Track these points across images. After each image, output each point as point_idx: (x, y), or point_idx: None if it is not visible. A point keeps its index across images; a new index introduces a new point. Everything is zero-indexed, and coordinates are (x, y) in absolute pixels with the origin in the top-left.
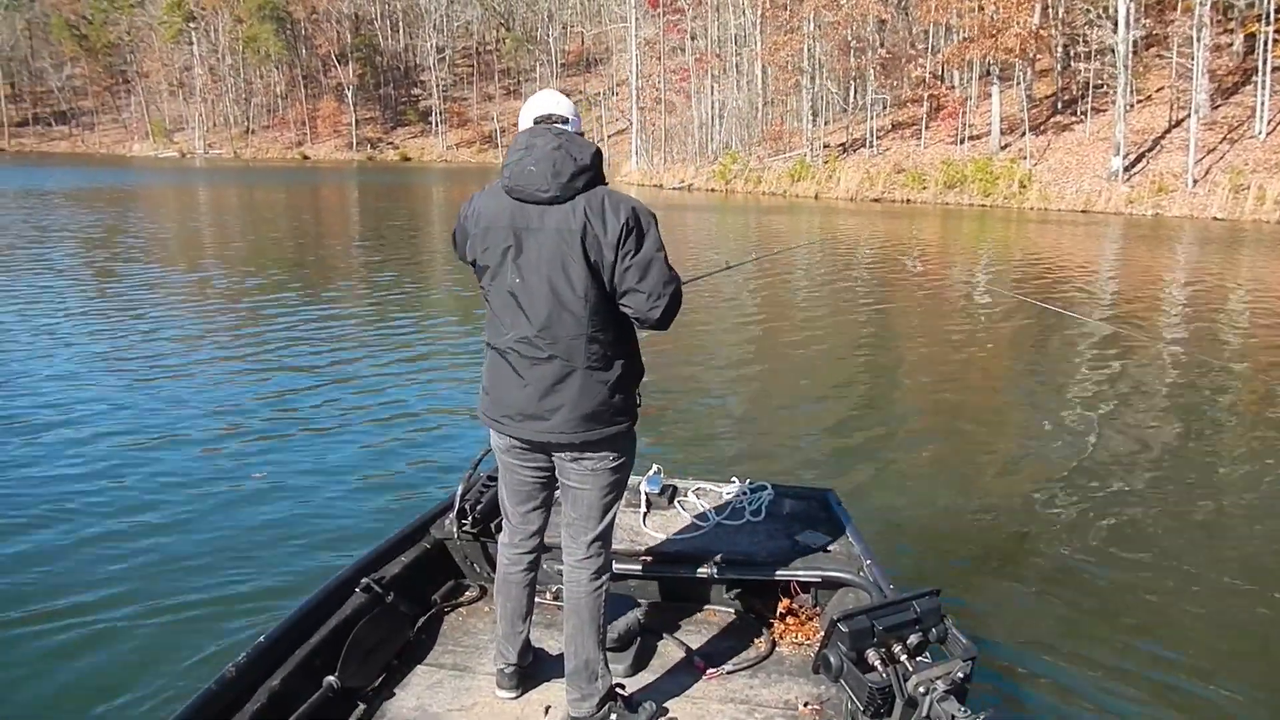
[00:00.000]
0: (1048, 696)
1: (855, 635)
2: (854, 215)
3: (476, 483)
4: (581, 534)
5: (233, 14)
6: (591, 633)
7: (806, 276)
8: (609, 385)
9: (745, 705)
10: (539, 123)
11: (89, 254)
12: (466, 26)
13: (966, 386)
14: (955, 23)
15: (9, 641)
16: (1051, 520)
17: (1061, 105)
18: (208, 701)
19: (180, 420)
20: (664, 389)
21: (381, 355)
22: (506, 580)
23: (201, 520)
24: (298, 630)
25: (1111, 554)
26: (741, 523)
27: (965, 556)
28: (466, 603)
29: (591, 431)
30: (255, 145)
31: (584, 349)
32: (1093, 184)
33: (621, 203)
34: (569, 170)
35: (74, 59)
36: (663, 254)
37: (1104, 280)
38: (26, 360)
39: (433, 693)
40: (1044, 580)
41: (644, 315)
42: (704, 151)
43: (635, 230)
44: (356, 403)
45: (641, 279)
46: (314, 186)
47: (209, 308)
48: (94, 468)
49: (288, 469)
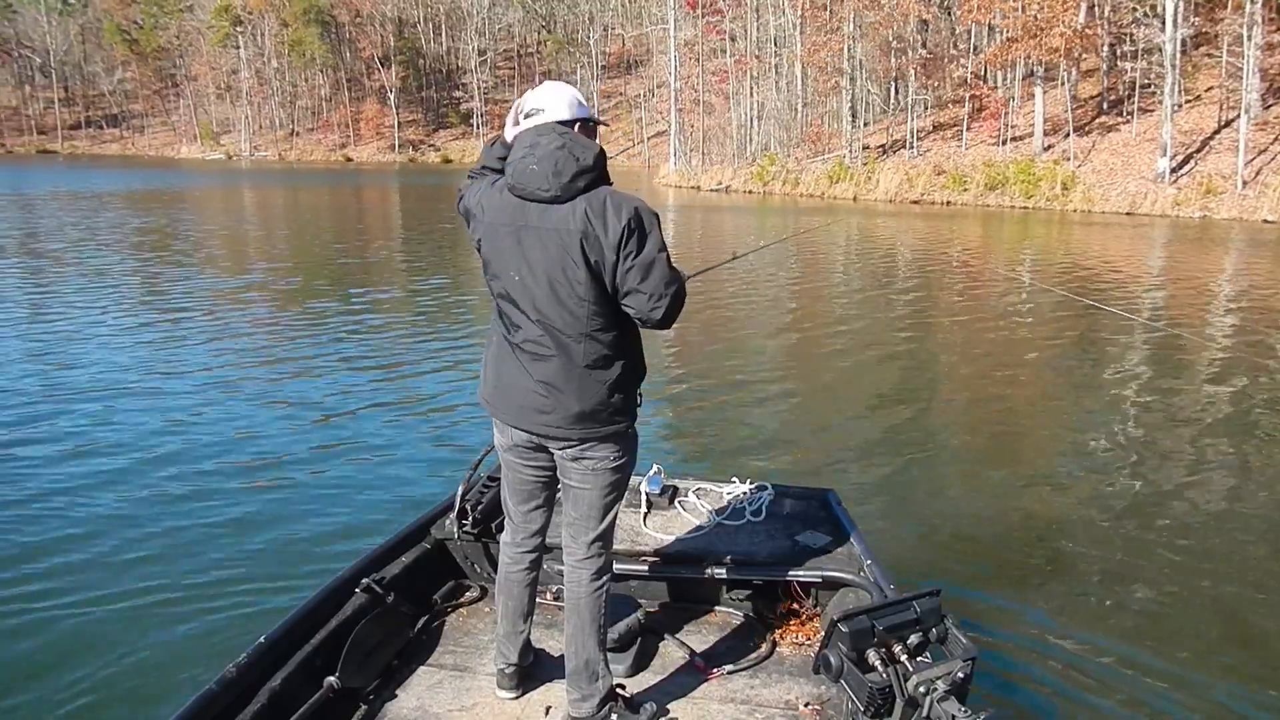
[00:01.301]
0: (1048, 696)
1: (855, 635)
2: (892, 217)
3: (477, 483)
4: (582, 534)
5: (279, 18)
6: (592, 633)
7: (810, 275)
8: (608, 385)
9: (746, 705)
10: (527, 118)
11: (128, 253)
12: (508, 29)
13: (972, 386)
14: (998, 22)
15: (9, 642)
16: (1053, 520)
17: (1107, 106)
18: (208, 701)
19: (180, 419)
20: (665, 388)
21: (383, 355)
22: (508, 579)
23: (201, 520)
24: (298, 630)
25: (1112, 555)
26: (742, 523)
27: (966, 556)
28: (467, 603)
29: (590, 430)
30: (299, 147)
31: (583, 348)
32: (1138, 186)
33: (623, 203)
34: (570, 170)
35: (125, 63)
36: (665, 254)
37: (1149, 282)
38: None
39: (433, 693)
40: (1045, 580)
41: (646, 315)
42: (742, 153)
43: (637, 231)
44: (357, 403)
45: (643, 279)
46: (357, 188)
47: (214, 306)
48: (93, 467)
49: (288, 469)
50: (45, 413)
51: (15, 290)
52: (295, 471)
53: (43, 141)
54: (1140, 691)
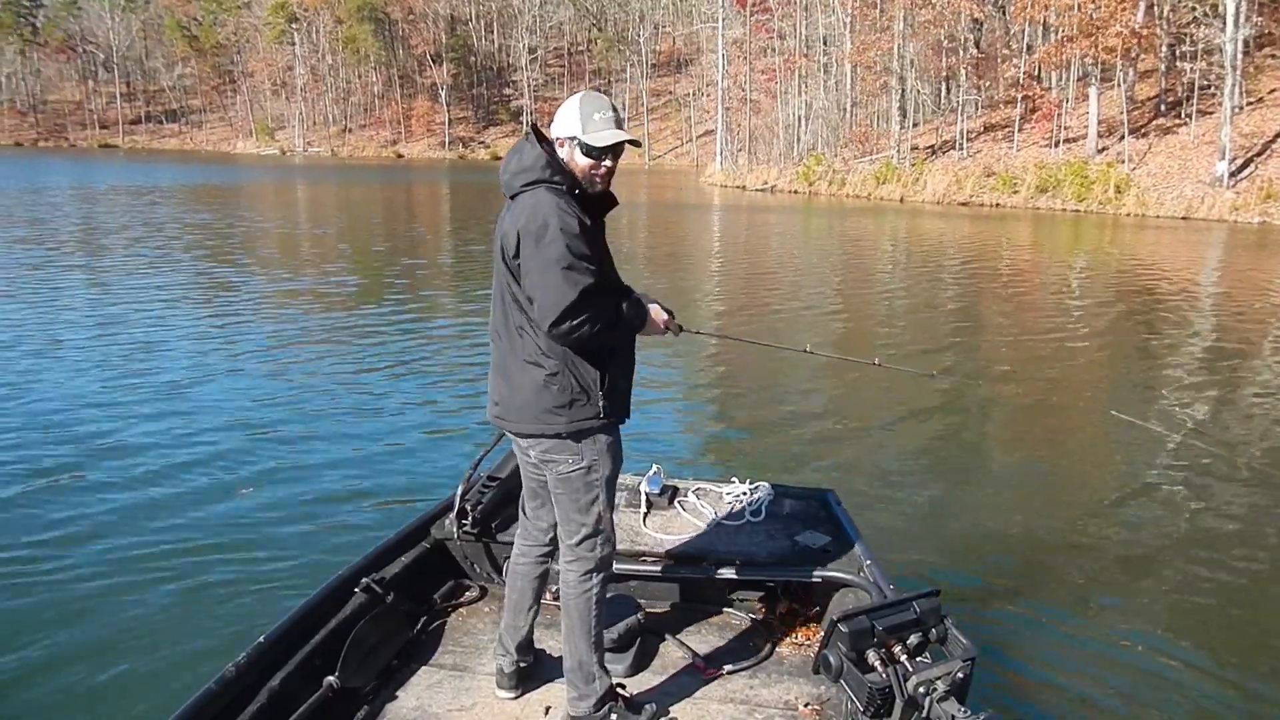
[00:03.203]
0: (1048, 696)
1: (855, 635)
2: (939, 219)
3: (477, 483)
4: (568, 536)
5: (333, 15)
6: (583, 633)
7: (818, 276)
8: (538, 383)
9: (745, 705)
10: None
11: (177, 250)
12: (559, 27)
13: (973, 386)
14: (1053, 21)
15: (9, 643)
16: (1053, 521)
17: (1165, 107)
18: (208, 701)
19: (179, 419)
20: (665, 389)
21: (384, 356)
22: (513, 571)
23: (201, 520)
24: (298, 630)
25: (1113, 555)
26: (741, 523)
27: (966, 557)
28: (466, 603)
29: (537, 426)
30: (351, 143)
31: (520, 342)
32: (1195, 189)
33: (529, 209)
34: (512, 169)
35: (185, 59)
36: (559, 266)
37: (1206, 288)
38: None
39: (433, 693)
40: (1045, 581)
41: (541, 327)
42: (789, 153)
43: (529, 238)
44: (358, 403)
45: (533, 288)
46: (408, 185)
47: (223, 306)
48: (93, 467)
49: (288, 469)
50: (43, 410)
51: (68, 282)
52: (295, 471)
53: (104, 136)
54: (1140, 691)
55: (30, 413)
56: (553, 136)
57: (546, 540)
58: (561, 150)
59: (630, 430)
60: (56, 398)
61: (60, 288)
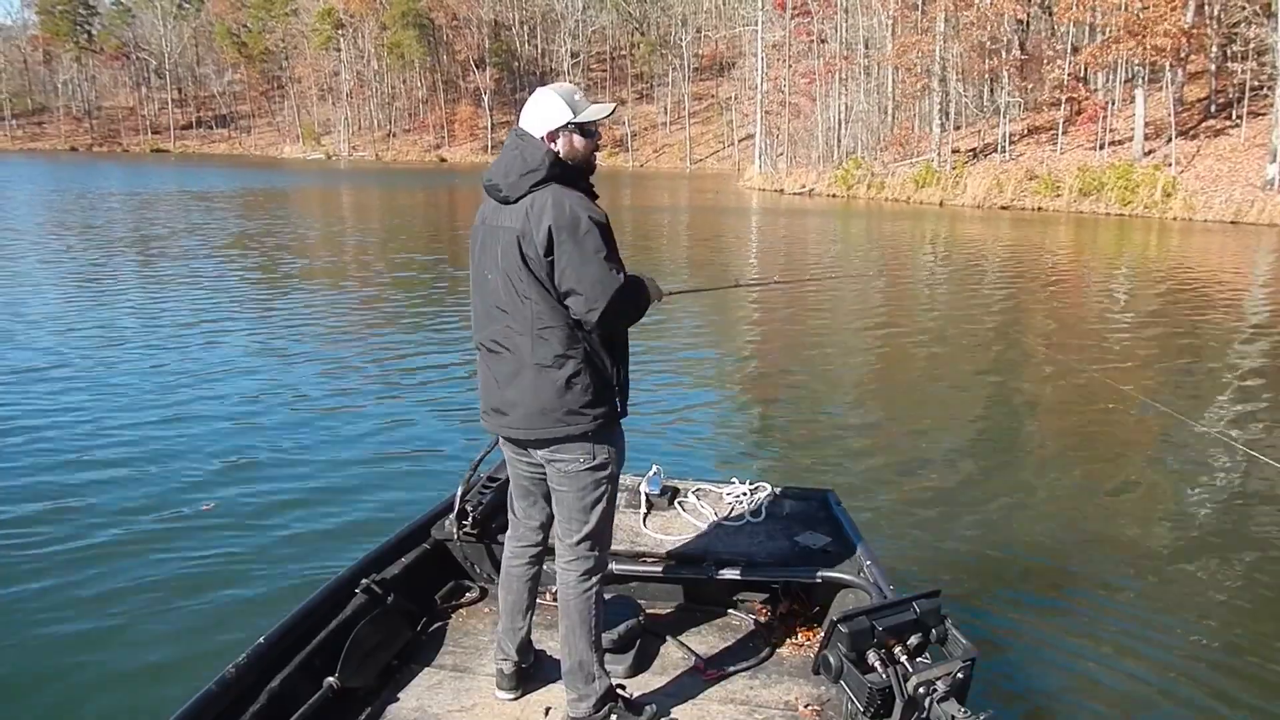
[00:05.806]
0: (1048, 697)
1: (855, 636)
2: (979, 222)
3: (477, 483)
4: (568, 535)
5: (378, 21)
6: (583, 634)
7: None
8: (560, 384)
9: (745, 706)
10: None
11: (215, 252)
12: (601, 31)
13: (974, 387)
14: (1099, 21)
15: (8, 643)
16: (1054, 522)
17: (1215, 109)
18: (208, 702)
19: (179, 417)
20: (665, 389)
21: (385, 356)
22: (508, 574)
23: (201, 519)
24: (298, 631)
25: (1113, 556)
26: (741, 523)
27: (966, 557)
28: (467, 604)
29: (549, 430)
30: (395, 148)
31: (533, 346)
32: (1244, 193)
33: (553, 205)
34: (517, 171)
35: (234, 65)
36: (600, 257)
37: (1255, 294)
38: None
39: (433, 694)
40: (1045, 581)
41: (583, 318)
42: (829, 156)
43: (566, 233)
44: (358, 403)
45: (578, 281)
46: (450, 189)
47: (226, 303)
48: (91, 466)
49: (288, 469)
50: (42, 410)
51: (115, 283)
52: (295, 471)
53: (156, 141)
54: (1140, 691)
55: (30, 412)
56: (540, 134)
57: (538, 539)
58: (558, 143)
59: (630, 430)
60: (58, 393)
61: (88, 285)
